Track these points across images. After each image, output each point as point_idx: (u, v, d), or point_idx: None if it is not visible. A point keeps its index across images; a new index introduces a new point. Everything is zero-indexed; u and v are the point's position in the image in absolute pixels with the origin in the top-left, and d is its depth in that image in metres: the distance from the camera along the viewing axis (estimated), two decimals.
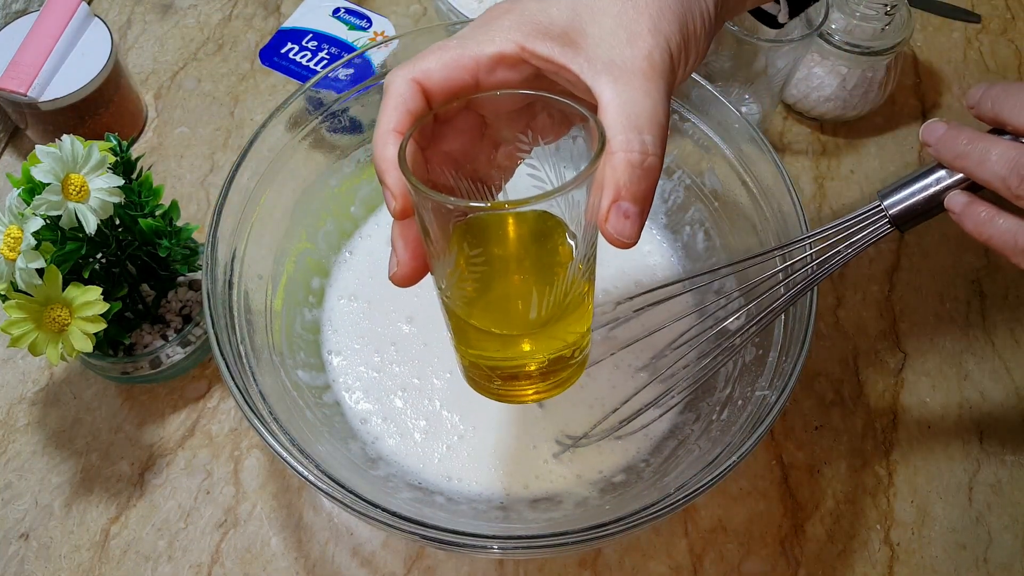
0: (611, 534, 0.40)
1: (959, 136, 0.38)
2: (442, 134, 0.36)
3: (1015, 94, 0.37)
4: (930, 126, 0.40)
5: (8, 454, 0.56)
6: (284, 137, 0.52)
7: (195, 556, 0.52)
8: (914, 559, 0.53)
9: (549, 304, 0.35)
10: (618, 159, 0.31)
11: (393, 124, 0.33)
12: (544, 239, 0.37)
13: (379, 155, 0.33)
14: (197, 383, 0.58)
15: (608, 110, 0.32)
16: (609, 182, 0.32)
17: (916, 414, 0.58)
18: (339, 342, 0.56)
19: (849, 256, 0.42)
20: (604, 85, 0.32)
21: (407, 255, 0.36)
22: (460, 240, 0.35)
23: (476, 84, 0.34)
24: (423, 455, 0.52)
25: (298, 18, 0.63)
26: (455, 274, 0.35)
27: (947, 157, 0.39)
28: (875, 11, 0.62)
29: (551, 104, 0.34)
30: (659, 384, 0.51)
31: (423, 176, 0.36)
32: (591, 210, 0.33)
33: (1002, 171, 0.36)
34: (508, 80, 0.34)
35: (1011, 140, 0.37)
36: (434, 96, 0.34)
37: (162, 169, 0.68)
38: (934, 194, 0.40)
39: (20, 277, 0.45)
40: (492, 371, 0.39)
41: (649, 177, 0.32)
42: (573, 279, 0.35)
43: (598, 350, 0.54)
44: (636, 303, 0.52)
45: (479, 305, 0.37)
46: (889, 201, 0.41)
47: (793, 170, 0.68)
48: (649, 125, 0.32)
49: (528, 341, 0.38)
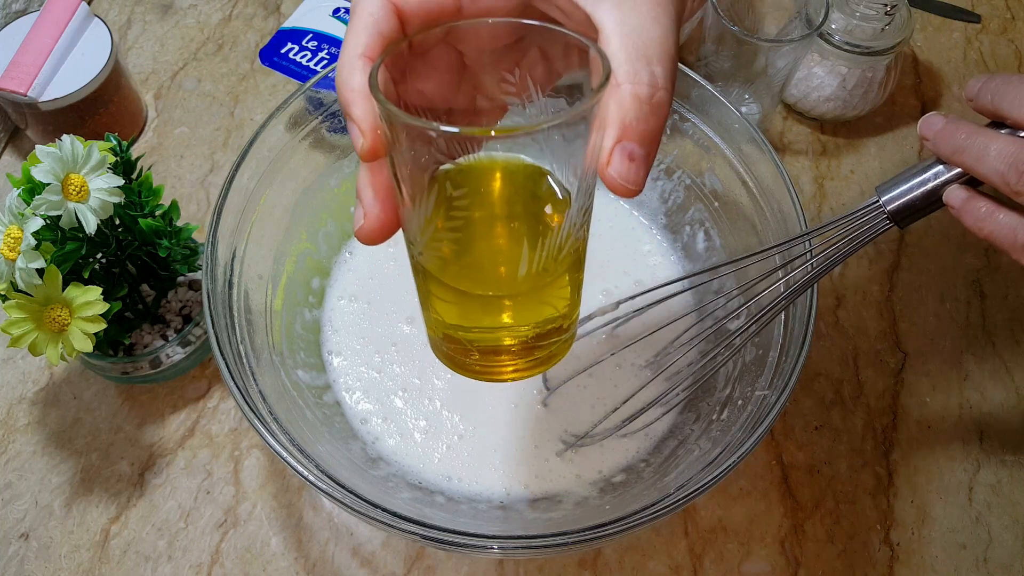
0: (611, 534, 0.40)
1: (957, 130, 0.38)
2: (415, 69, 0.32)
3: (1015, 86, 0.37)
4: (928, 120, 0.39)
5: (8, 454, 0.56)
6: (284, 137, 0.52)
7: (195, 556, 0.52)
8: (914, 559, 0.53)
9: (541, 260, 0.31)
10: (624, 92, 0.28)
11: (362, 48, 0.29)
12: (535, 189, 0.33)
13: (343, 83, 0.29)
14: (197, 383, 0.58)
15: (612, 38, 0.28)
16: (614, 119, 0.28)
17: (916, 414, 0.58)
18: (339, 342, 0.56)
19: (848, 253, 0.42)
20: (606, 11, 0.28)
21: (376, 206, 0.31)
22: (438, 187, 0.31)
23: (458, 10, 0.30)
24: (423, 455, 0.52)
25: (298, 18, 0.63)
26: (431, 225, 0.31)
27: (945, 152, 0.38)
28: (875, 11, 0.62)
29: (545, 36, 0.30)
30: (662, 382, 0.51)
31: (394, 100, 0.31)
32: (591, 154, 0.29)
33: (1001, 167, 0.36)
34: (495, 7, 0.30)
35: (1010, 134, 0.37)
36: (410, 20, 0.30)
37: (162, 169, 0.68)
38: (932, 189, 0.39)
39: (20, 277, 0.45)
40: (470, 344, 0.35)
41: (658, 114, 0.28)
42: (568, 233, 0.31)
43: (600, 349, 0.54)
44: (637, 302, 0.52)
45: (459, 263, 0.32)
46: (887, 197, 0.40)
47: (793, 170, 0.68)
48: (659, 55, 0.28)
49: (513, 306, 0.34)
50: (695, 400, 0.53)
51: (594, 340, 0.55)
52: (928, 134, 0.39)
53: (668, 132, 0.56)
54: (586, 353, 0.54)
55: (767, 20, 0.65)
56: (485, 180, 0.33)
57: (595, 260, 0.57)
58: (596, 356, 0.53)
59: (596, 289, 0.57)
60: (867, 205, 0.41)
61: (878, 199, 0.40)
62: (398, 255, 0.59)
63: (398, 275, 0.58)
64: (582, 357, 0.53)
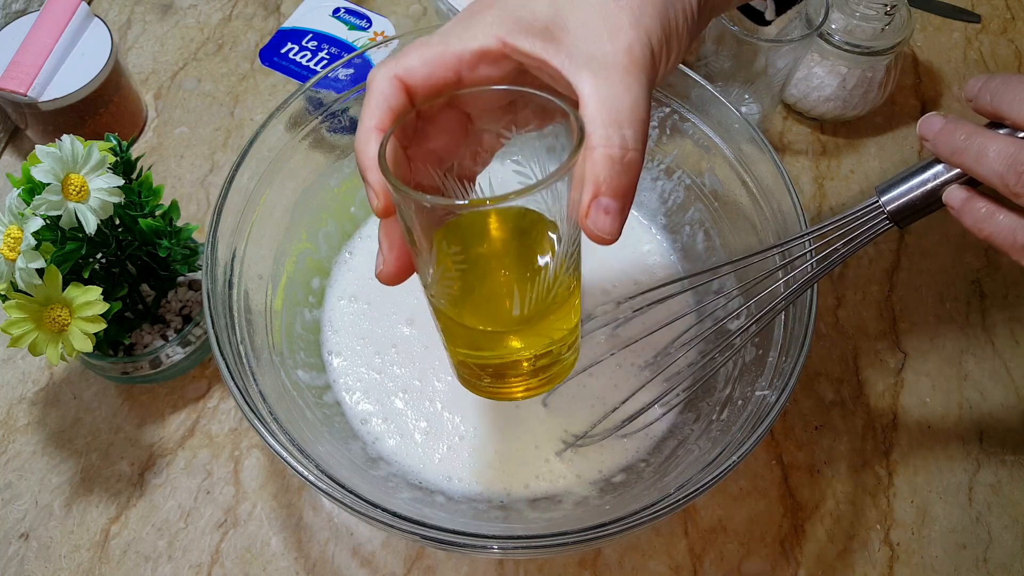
0: (611, 534, 0.40)
1: (957, 131, 0.37)
2: (426, 132, 0.36)
3: (1014, 87, 0.36)
4: (928, 120, 0.39)
5: (8, 454, 0.56)
6: (284, 137, 0.52)
7: (195, 556, 0.52)
8: (914, 559, 0.53)
9: (532, 300, 0.35)
10: (598, 154, 0.31)
11: (375, 122, 0.33)
12: (527, 235, 0.36)
13: (360, 152, 0.33)
14: (197, 383, 0.58)
15: (588, 105, 0.31)
16: (589, 178, 0.31)
17: (916, 414, 0.58)
18: (339, 343, 0.56)
19: (848, 253, 0.42)
20: (584, 80, 0.32)
21: (392, 254, 0.36)
22: (443, 239, 0.35)
23: (459, 80, 0.34)
24: (423, 455, 0.52)
25: (298, 18, 0.63)
26: (439, 273, 0.35)
27: (944, 152, 0.38)
28: (875, 11, 0.62)
29: (532, 99, 0.34)
30: (661, 382, 0.51)
31: (406, 175, 0.35)
32: (572, 206, 0.32)
33: (1000, 168, 0.36)
34: (491, 76, 0.34)
35: (1009, 134, 0.36)
36: (416, 93, 0.34)
37: (162, 169, 0.68)
38: (932, 189, 0.39)
39: (20, 277, 0.45)
40: (482, 369, 0.39)
41: (629, 172, 0.32)
42: (556, 275, 0.35)
43: (599, 349, 0.54)
44: (636, 302, 0.52)
45: (465, 303, 0.37)
46: (887, 197, 0.40)
47: (793, 170, 0.68)
48: (629, 120, 0.31)
49: (515, 338, 0.38)
50: (695, 400, 0.53)
51: (594, 340, 0.55)
52: (927, 135, 0.39)
53: (668, 132, 0.56)
54: (586, 353, 0.54)
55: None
56: (482, 228, 0.37)
57: (594, 259, 0.57)
58: (596, 356, 0.53)
59: (595, 289, 0.57)
60: (867, 205, 0.41)
61: (878, 199, 0.40)
62: None
63: None
64: (582, 357, 0.53)
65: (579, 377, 0.54)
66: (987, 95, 0.38)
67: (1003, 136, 0.36)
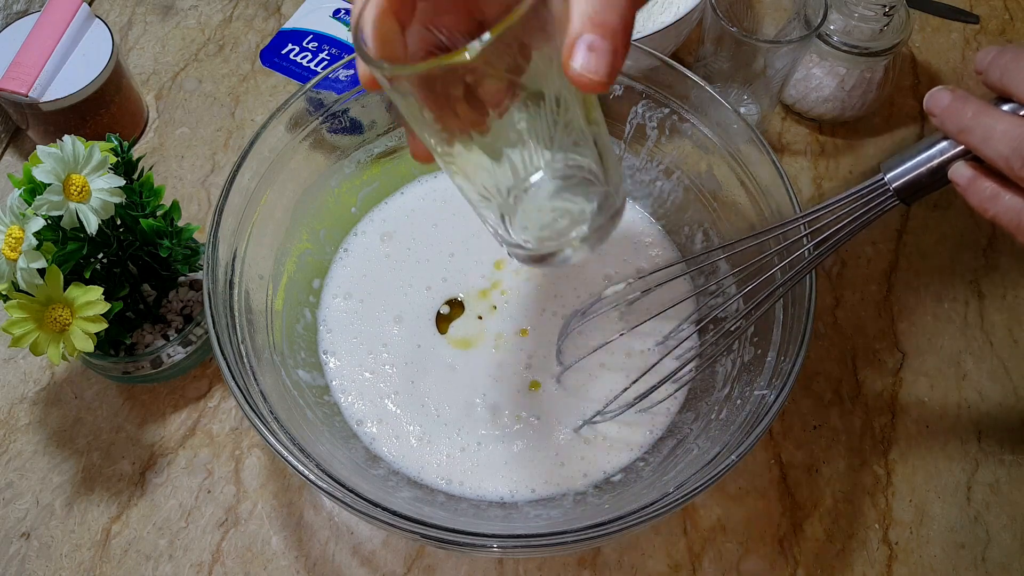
0: (610, 533, 0.40)
1: (964, 108, 0.36)
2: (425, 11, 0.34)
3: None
4: (935, 95, 0.38)
5: (9, 453, 0.56)
6: (285, 138, 0.52)
7: (196, 555, 0.53)
8: (912, 558, 0.53)
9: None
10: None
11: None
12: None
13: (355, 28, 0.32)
14: (198, 383, 0.58)
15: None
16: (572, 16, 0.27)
17: (914, 414, 0.58)
18: (334, 342, 0.56)
19: (855, 230, 0.41)
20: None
21: (411, 134, 0.36)
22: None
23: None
24: (423, 457, 0.52)
25: (299, 19, 0.63)
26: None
27: (951, 130, 0.37)
28: (874, 12, 0.62)
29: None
30: (672, 361, 0.52)
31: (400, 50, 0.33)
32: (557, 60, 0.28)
33: (1005, 150, 0.35)
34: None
35: (1016, 112, 0.36)
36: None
37: (163, 169, 0.68)
38: (938, 166, 0.38)
39: (21, 277, 0.45)
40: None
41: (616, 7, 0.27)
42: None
43: (607, 332, 0.54)
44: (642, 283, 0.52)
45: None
46: (892, 174, 0.39)
47: (792, 171, 0.69)
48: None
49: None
50: (694, 399, 0.53)
51: (604, 322, 0.55)
52: (935, 110, 0.38)
53: (667, 133, 0.56)
54: (596, 334, 0.54)
55: (766, 21, 0.65)
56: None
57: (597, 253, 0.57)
58: (606, 336, 0.53)
59: (597, 275, 0.58)
60: (873, 182, 0.40)
61: (883, 176, 0.39)
62: (391, 252, 0.59)
63: (390, 271, 0.58)
64: (593, 337, 0.54)
65: (590, 367, 0.54)
66: (997, 71, 0.36)
67: (1010, 116, 0.35)
